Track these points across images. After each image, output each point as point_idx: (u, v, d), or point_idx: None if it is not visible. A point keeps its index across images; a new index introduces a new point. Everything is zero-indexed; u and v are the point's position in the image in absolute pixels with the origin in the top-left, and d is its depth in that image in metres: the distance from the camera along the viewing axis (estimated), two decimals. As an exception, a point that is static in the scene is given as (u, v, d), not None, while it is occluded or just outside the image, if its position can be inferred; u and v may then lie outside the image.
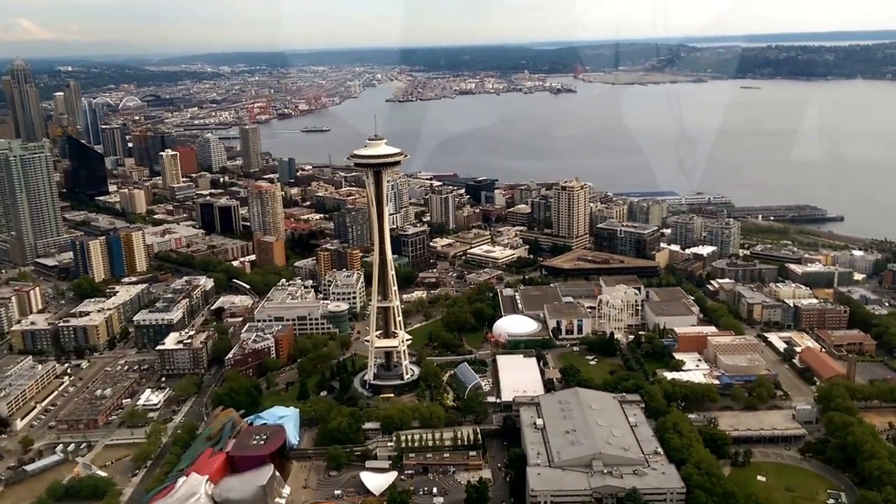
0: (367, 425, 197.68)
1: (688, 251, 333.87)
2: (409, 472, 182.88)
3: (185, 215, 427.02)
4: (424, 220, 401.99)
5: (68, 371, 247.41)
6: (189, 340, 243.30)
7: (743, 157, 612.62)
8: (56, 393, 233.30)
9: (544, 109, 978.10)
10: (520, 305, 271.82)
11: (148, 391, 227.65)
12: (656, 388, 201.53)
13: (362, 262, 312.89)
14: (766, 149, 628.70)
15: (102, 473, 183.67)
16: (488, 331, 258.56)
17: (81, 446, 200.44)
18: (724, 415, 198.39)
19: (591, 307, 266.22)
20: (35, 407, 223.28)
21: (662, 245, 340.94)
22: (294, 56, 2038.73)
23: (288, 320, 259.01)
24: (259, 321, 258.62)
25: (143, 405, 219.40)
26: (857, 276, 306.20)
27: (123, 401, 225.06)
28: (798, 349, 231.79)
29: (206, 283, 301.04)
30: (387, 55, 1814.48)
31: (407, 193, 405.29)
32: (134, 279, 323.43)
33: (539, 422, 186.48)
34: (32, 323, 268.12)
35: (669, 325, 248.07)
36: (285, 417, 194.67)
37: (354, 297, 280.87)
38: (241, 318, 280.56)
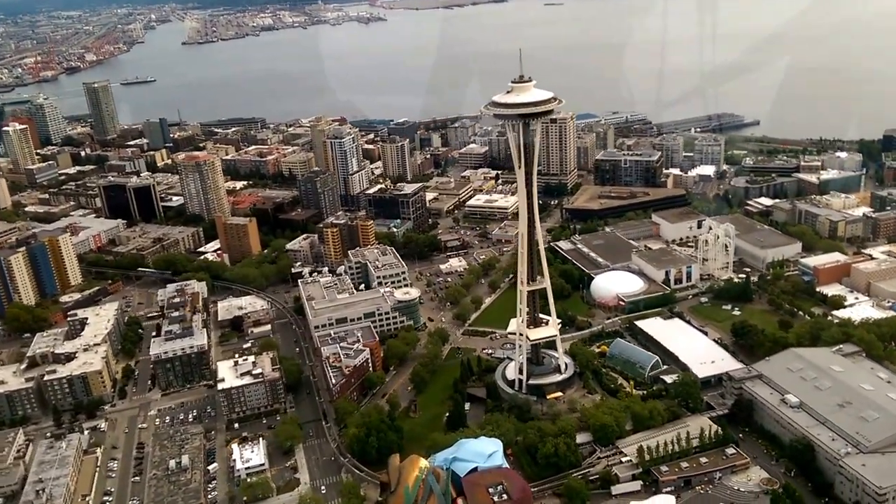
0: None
1: (692, 173, 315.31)
2: (669, 489, 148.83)
3: (71, 204, 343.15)
4: (376, 172, 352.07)
5: (91, 440, 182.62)
6: (258, 370, 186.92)
7: (614, 71, 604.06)
8: (96, 475, 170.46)
9: (371, 41, 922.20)
10: (598, 259, 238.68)
11: (234, 447, 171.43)
12: (861, 331, 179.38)
13: (377, 236, 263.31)
14: (631, 62, 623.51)
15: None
16: (585, 294, 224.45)
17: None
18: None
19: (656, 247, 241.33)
20: None
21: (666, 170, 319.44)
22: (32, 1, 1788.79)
23: (353, 320, 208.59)
24: (321, 327, 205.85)
25: (246, 468, 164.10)
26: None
27: (210, 468, 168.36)
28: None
29: (201, 288, 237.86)
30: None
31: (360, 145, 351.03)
32: (76, 296, 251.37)
33: (791, 398, 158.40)
34: (2, 382, 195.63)
35: (781, 256, 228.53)
36: (495, 454, 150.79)
37: (403, 280, 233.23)
38: (267, 326, 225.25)
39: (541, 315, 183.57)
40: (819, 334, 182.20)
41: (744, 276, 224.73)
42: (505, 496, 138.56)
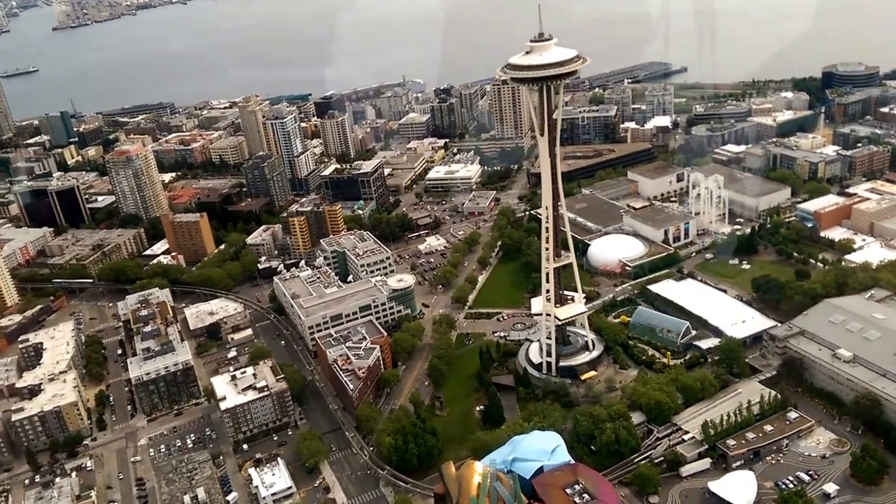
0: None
1: (649, 126, 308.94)
2: (738, 462, 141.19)
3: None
4: (317, 151, 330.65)
5: (81, 482, 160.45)
6: (262, 383, 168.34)
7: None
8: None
9: (260, 12, 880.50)
10: (588, 224, 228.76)
11: (252, 472, 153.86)
12: (887, 274, 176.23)
13: (346, 221, 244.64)
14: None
15: None
16: (584, 262, 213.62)
17: None
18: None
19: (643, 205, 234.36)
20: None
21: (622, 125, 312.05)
22: None
23: (349, 316, 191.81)
24: (316, 327, 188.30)
25: (273, 495, 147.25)
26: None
27: (228, 498, 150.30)
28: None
29: (165, 296, 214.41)
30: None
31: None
32: (18, 318, 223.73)
33: (844, 353, 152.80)
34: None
35: (773, 203, 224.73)
36: (558, 449, 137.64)
37: (389, 266, 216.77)
38: (248, 331, 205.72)
39: (564, 292, 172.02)
40: (845, 281, 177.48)
41: (738, 227, 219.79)
42: (586, 496, 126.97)
